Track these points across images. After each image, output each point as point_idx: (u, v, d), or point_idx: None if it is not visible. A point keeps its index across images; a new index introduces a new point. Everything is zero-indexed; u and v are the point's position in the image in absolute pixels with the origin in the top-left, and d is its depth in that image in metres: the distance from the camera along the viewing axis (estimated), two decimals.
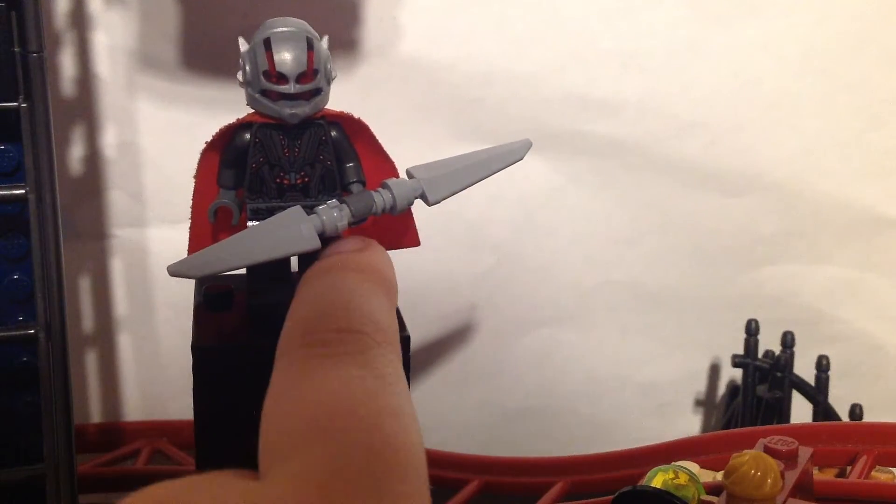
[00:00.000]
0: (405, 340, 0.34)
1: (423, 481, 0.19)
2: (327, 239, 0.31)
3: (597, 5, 0.58)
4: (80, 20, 0.53)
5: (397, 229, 0.37)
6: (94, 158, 0.56)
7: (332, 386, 0.20)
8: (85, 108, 0.55)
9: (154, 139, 0.56)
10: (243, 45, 0.33)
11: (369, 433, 0.19)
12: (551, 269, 0.64)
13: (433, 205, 0.34)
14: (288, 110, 0.32)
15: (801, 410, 0.61)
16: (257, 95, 0.32)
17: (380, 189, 0.33)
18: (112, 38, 0.54)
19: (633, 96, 0.60)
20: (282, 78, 0.32)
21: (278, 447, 0.19)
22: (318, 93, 0.32)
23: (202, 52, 0.55)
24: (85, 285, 0.58)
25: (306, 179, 0.34)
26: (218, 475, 0.19)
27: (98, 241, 0.58)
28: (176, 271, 0.30)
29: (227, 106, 0.35)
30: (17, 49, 0.39)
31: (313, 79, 0.32)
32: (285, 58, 0.32)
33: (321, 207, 0.32)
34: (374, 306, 0.23)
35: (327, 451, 0.18)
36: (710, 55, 0.60)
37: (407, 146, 0.36)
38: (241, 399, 0.33)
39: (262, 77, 0.32)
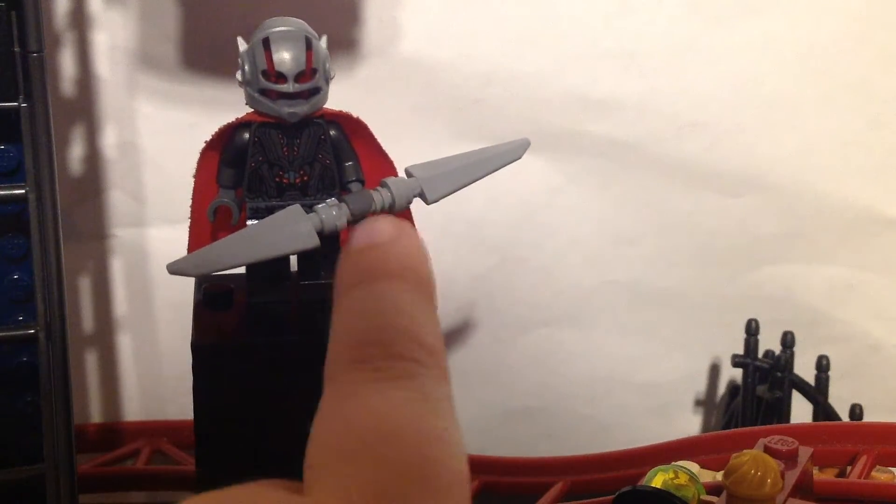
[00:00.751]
0: None
1: (466, 501, 0.20)
2: (356, 220, 0.31)
3: (597, 5, 0.58)
4: (80, 20, 0.53)
5: None
6: (94, 158, 0.56)
7: (379, 408, 0.20)
8: (85, 108, 0.55)
9: (154, 139, 0.56)
10: (242, 45, 0.33)
11: (416, 456, 0.19)
12: (551, 269, 0.64)
13: (432, 203, 0.34)
14: (287, 109, 0.32)
15: (801, 410, 0.61)
16: (256, 95, 0.32)
17: (379, 188, 0.33)
18: (112, 38, 0.54)
19: (633, 96, 0.60)
20: (280, 77, 0.32)
21: (323, 464, 0.19)
22: (316, 92, 0.32)
23: (202, 52, 0.55)
24: (85, 285, 0.58)
25: (305, 178, 0.34)
26: (259, 487, 0.20)
27: (98, 241, 0.58)
28: (176, 270, 0.30)
29: (227, 106, 0.35)
30: (17, 49, 0.39)
31: (312, 78, 0.32)
32: (284, 57, 0.32)
33: (320, 206, 0.32)
34: (420, 324, 0.22)
35: (371, 472, 0.19)
36: (710, 55, 0.60)
37: (407, 146, 0.36)
38: (240, 397, 0.33)
39: (261, 76, 0.32)
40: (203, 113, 0.55)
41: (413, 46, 0.57)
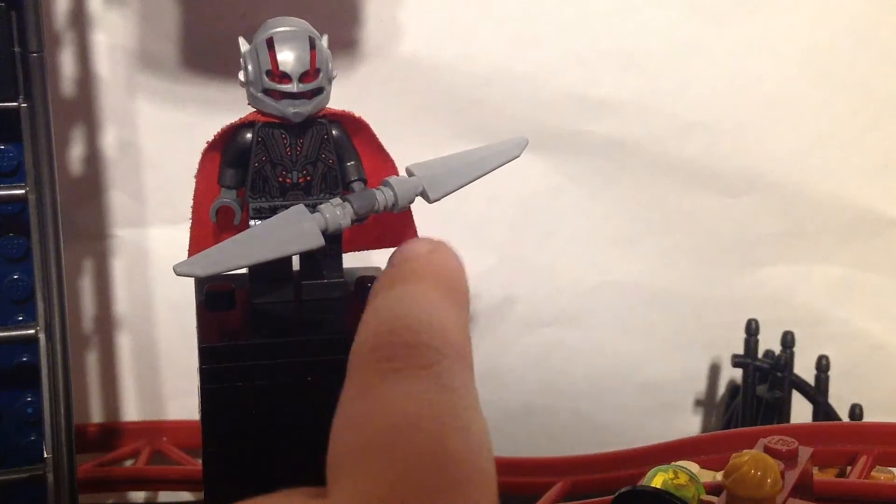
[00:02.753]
0: None
1: (491, 495, 0.19)
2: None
3: (597, 5, 0.58)
4: (80, 20, 0.53)
5: (397, 227, 0.37)
6: (94, 158, 0.56)
7: (398, 401, 0.20)
8: (85, 108, 0.55)
9: (154, 139, 0.56)
10: (244, 46, 0.33)
11: (434, 448, 0.19)
12: (551, 269, 0.64)
13: (433, 202, 0.34)
14: (291, 109, 0.32)
15: (801, 410, 0.61)
16: (260, 95, 0.32)
17: (381, 187, 0.33)
18: (112, 38, 0.54)
19: (633, 96, 0.60)
20: (285, 77, 0.32)
21: (344, 461, 0.19)
22: (320, 91, 0.32)
23: (202, 52, 0.55)
24: (85, 285, 0.58)
25: (308, 178, 0.34)
26: (283, 496, 0.20)
27: (98, 241, 0.58)
28: (183, 271, 0.30)
29: (227, 106, 0.35)
30: (17, 49, 0.39)
31: (316, 78, 0.32)
32: (288, 57, 0.32)
33: (324, 205, 0.32)
34: (443, 318, 0.23)
35: (391, 466, 0.18)
36: (710, 55, 0.60)
37: (407, 146, 0.36)
38: (247, 397, 0.33)
39: (264, 76, 0.32)
40: (203, 113, 0.55)
41: (413, 46, 0.57)
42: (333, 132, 0.34)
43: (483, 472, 0.19)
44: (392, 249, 0.38)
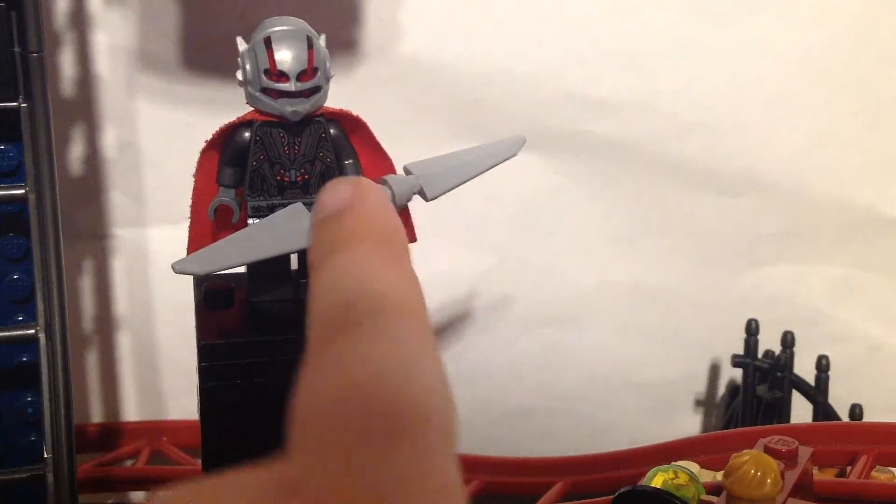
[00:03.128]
0: None
1: (446, 442, 0.19)
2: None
3: (597, 5, 0.58)
4: (80, 20, 0.53)
5: None
6: (94, 158, 0.56)
7: (349, 368, 0.20)
8: (85, 108, 0.55)
9: (154, 139, 0.56)
10: (242, 45, 0.33)
11: (383, 415, 0.19)
12: (551, 269, 0.64)
13: (431, 200, 0.34)
14: (289, 108, 0.32)
15: (801, 410, 0.61)
16: (258, 94, 0.32)
17: (379, 185, 0.33)
18: (112, 38, 0.54)
19: (633, 96, 0.60)
20: (283, 76, 0.32)
21: (297, 432, 0.20)
22: (317, 90, 0.33)
23: (202, 52, 0.55)
24: (85, 285, 0.58)
25: (306, 176, 0.34)
26: (248, 469, 0.20)
27: (98, 241, 0.58)
28: (181, 269, 0.30)
29: (227, 106, 0.35)
30: (17, 49, 0.39)
31: (313, 76, 0.32)
32: (286, 56, 0.32)
33: None
34: (391, 282, 0.22)
35: (339, 435, 0.19)
36: (710, 55, 0.60)
37: (407, 146, 0.36)
38: (245, 394, 0.33)
39: (262, 75, 0.32)
40: (202, 113, 0.55)
41: (413, 46, 0.57)
42: (331, 131, 0.34)
43: (441, 438, 0.19)
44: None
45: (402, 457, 0.18)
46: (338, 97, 0.35)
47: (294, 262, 0.35)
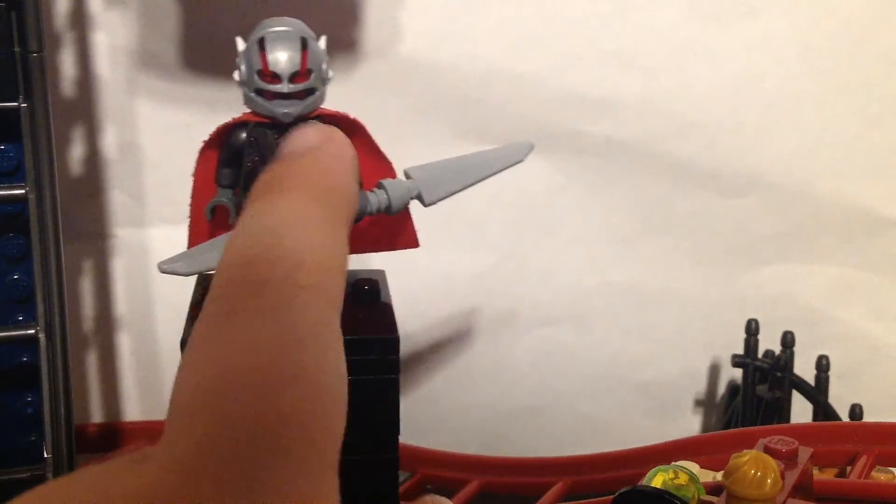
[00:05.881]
0: (393, 342, 0.33)
1: (324, 456, 0.17)
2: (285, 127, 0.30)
3: (597, 5, 0.58)
4: (80, 20, 0.53)
5: (395, 230, 0.37)
6: (94, 158, 0.56)
7: (232, 350, 0.17)
8: (85, 108, 0.55)
9: (154, 139, 0.56)
10: (240, 45, 0.33)
11: (257, 409, 0.17)
12: (551, 269, 0.64)
13: (429, 205, 0.34)
14: (281, 109, 0.32)
15: (801, 410, 0.61)
16: (252, 94, 0.32)
17: (375, 189, 0.33)
18: (112, 38, 0.54)
19: (633, 96, 0.60)
20: (275, 77, 0.32)
21: (170, 421, 0.18)
22: (312, 92, 0.32)
23: (202, 52, 0.55)
24: (85, 285, 0.58)
25: None
26: (108, 464, 0.18)
27: (98, 241, 0.58)
28: (166, 268, 0.30)
29: (227, 106, 0.35)
30: (17, 49, 0.39)
31: (307, 78, 0.32)
32: (279, 57, 0.32)
33: None
34: (307, 246, 0.20)
35: (210, 430, 0.17)
36: (710, 55, 0.60)
37: (407, 146, 0.36)
38: None
39: (256, 76, 0.32)
40: (202, 113, 0.55)
41: (413, 46, 0.57)
42: None
43: (318, 428, 0.17)
44: (389, 253, 0.38)
45: (274, 480, 0.16)
46: (338, 97, 0.35)
47: None
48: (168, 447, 0.17)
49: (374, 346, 0.33)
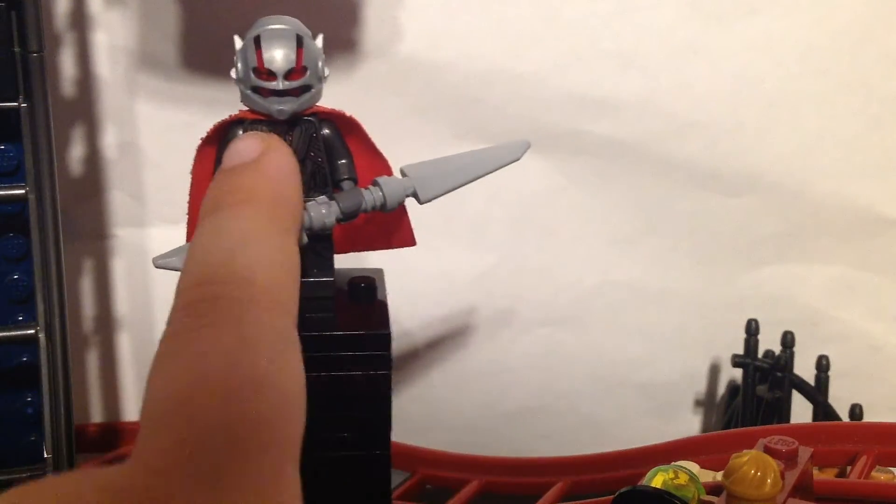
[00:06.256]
0: (385, 338, 0.34)
1: (286, 455, 0.18)
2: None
3: (597, 5, 0.58)
4: (80, 20, 0.53)
5: (392, 228, 0.37)
6: (94, 158, 0.56)
7: (193, 359, 0.19)
8: (85, 108, 0.55)
9: (154, 139, 0.56)
10: (238, 43, 0.33)
11: (221, 413, 0.18)
12: (551, 268, 0.64)
13: (424, 203, 0.34)
14: (276, 106, 0.32)
15: (801, 410, 0.61)
16: (248, 92, 0.33)
17: (370, 187, 0.33)
18: (112, 38, 0.54)
19: (633, 96, 0.60)
20: (271, 74, 0.32)
21: (142, 428, 0.19)
22: (307, 89, 0.32)
23: (202, 52, 0.55)
24: (85, 285, 0.58)
25: None
26: (83, 470, 0.19)
27: (98, 241, 0.58)
28: (161, 263, 0.30)
29: (227, 106, 0.35)
30: (17, 49, 0.39)
31: (302, 75, 0.32)
32: (274, 55, 0.32)
33: (309, 203, 0.32)
34: (257, 259, 0.21)
35: (176, 435, 0.18)
36: (710, 55, 0.60)
37: (407, 146, 0.36)
38: None
39: (252, 74, 0.32)
40: (203, 113, 0.55)
41: (413, 46, 0.57)
42: (324, 131, 0.34)
43: (277, 430, 0.18)
44: (389, 252, 0.38)
45: (239, 483, 0.17)
46: (338, 97, 0.35)
47: None
48: (139, 451, 0.18)
49: (366, 341, 0.33)
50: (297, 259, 0.23)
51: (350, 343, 0.33)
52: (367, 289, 0.37)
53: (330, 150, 0.34)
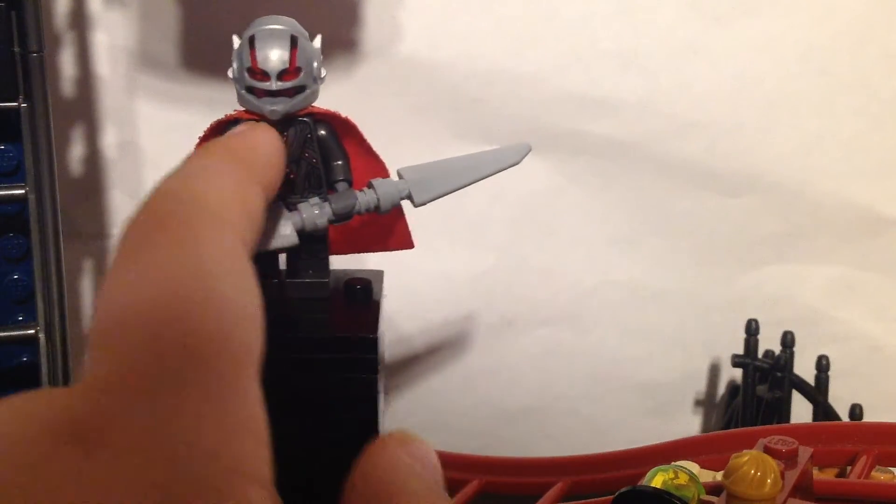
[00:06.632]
0: (371, 342, 0.33)
1: (243, 367, 0.18)
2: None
3: (597, 5, 0.58)
4: (80, 20, 0.53)
5: (389, 231, 0.37)
6: (94, 158, 0.56)
7: (144, 277, 0.19)
8: (85, 108, 0.55)
9: (154, 139, 0.56)
10: (236, 43, 0.33)
11: (175, 324, 0.18)
12: (551, 268, 0.64)
13: (419, 206, 0.34)
14: (269, 107, 0.32)
15: (801, 410, 0.61)
16: (243, 92, 0.33)
17: (365, 189, 0.33)
18: (112, 38, 0.54)
19: (633, 96, 0.60)
20: (265, 75, 0.32)
21: (91, 349, 0.19)
22: (301, 90, 0.32)
23: (202, 52, 0.55)
24: (85, 285, 0.58)
25: (291, 176, 0.34)
26: (40, 391, 0.19)
27: (98, 241, 0.58)
28: None
29: (227, 106, 0.35)
30: (17, 49, 0.39)
31: (296, 76, 0.32)
32: (267, 55, 0.32)
33: (302, 204, 0.32)
34: (214, 185, 0.22)
35: (127, 349, 0.18)
36: (710, 55, 0.60)
37: (407, 146, 0.36)
38: None
39: (246, 74, 0.32)
40: (203, 113, 0.54)
41: (413, 46, 0.57)
42: (320, 132, 0.34)
43: (236, 340, 0.18)
44: (389, 253, 0.38)
45: (196, 391, 0.17)
46: (338, 97, 0.35)
47: (282, 261, 0.35)
48: (94, 367, 0.18)
49: (352, 344, 0.33)
50: (258, 199, 0.24)
51: (336, 345, 0.33)
52: (363, 290, 0.37)
53: (325, 152, 0.34)
